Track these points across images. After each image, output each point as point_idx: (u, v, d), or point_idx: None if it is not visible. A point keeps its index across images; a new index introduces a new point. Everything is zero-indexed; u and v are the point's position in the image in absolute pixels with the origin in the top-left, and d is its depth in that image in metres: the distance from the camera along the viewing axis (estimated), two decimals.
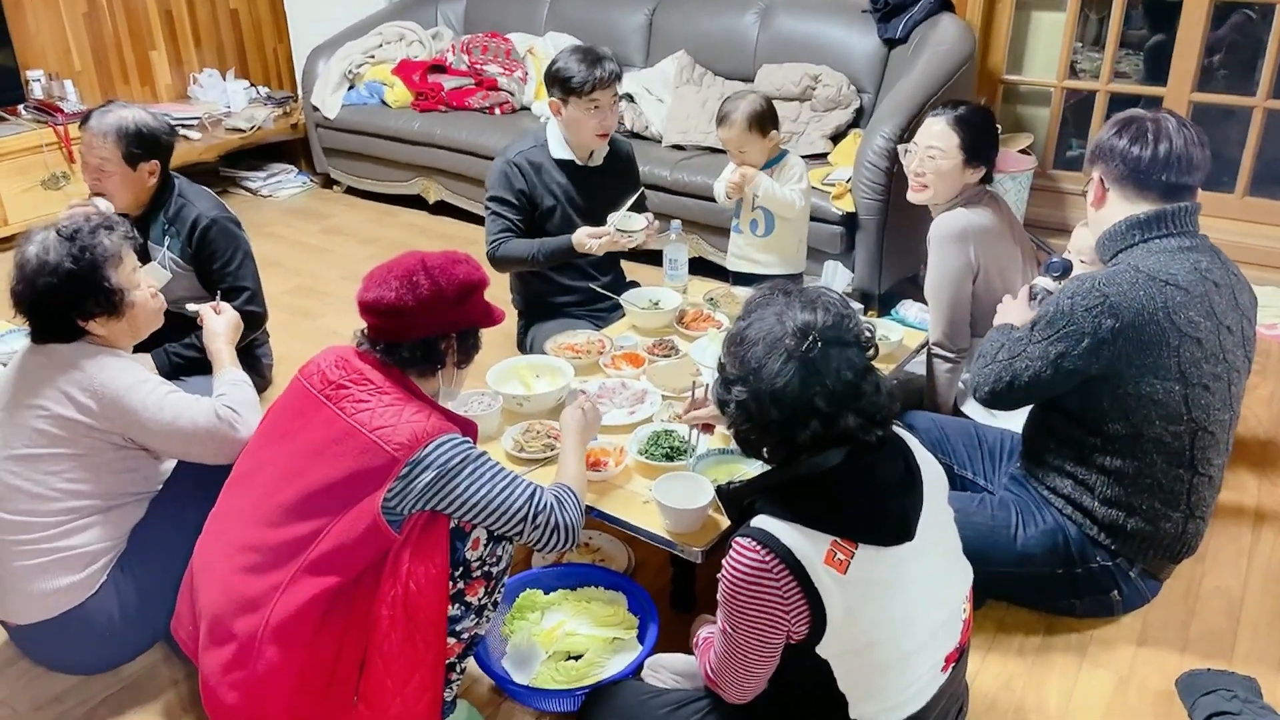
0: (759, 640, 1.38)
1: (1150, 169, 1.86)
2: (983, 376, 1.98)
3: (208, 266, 2.58)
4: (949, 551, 1.49)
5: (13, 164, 4.05)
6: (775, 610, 1.34)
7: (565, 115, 2.62)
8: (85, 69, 4.68)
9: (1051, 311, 1.86)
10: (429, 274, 1.63)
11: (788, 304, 1.37)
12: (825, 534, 1.32)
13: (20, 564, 1.80)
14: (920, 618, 1.40)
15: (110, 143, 2.42)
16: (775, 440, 1.38)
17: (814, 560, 1.31)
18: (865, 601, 1.34)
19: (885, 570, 1.35)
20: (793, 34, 4.06)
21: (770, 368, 1.32)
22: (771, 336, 1.34)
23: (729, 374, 1.40)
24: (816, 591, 1.31)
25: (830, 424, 1.33)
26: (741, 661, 1.42)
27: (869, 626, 1.35)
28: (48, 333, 1.85)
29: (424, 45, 4.82)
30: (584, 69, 2.53)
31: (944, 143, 2.43)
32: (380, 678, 1.58)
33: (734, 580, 1.35)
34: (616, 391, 2.23)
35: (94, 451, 1.82)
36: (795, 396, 1.32)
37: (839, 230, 3.37)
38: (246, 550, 1.59)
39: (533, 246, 2.65)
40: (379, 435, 1.56)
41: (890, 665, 1.40)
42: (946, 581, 1.47)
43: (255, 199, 4.86)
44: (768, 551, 1.32)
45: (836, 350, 1.33)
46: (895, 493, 1.38)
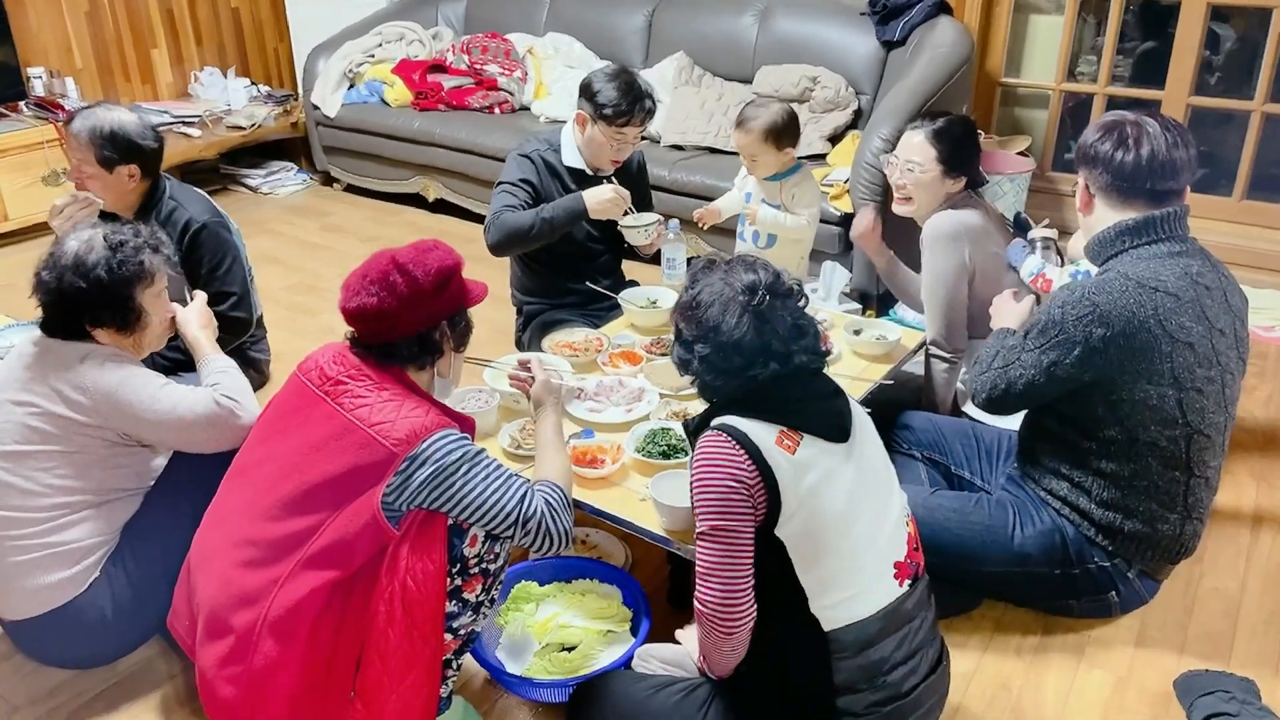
0: (736, 519, 1.47)
1: (1135, 177, 1.85)
2: (980, 383, 2.01)
3: (196, 270, 2.56)
4: (882, 467, 1.62)
5: (13, 160, 4.05)
6: (740, 487, 1.46)
7: (588, 133, 2.60)
8: (86, 66, 4.69)
9: (1044, 320, 1.87)
10: (403, 271, 1.61)
11: (729, 269, 1.56)
12: (774, 424, 1.50)
13: (12, 559, 1.80)
14: (864, 512, 1.53)
15: (85, 145, 2.39)
16: (738, 383, 1.53)
17: (767, 441, 1.48)
18: (813, 484, 1.49)
19: (827, 460, 1.51)
20: (791, 35, 4.06)
21: (728, 322, 1.50)
22: (724, 297, 1.52)
23: (688, 336, 1.56)
24: (770, 468, 1.46)
25: (786, 361, 1.52)
26: (730, 554, 1.48)
27: (816, 508, 1.49)
28: (55, 326, 1.85)
29: (424, 45, 4.82)
30: (623, 102, 2.50)
31: (921, 156, 2.44)
32: (377, 674, 1.58)
33: (703, 467, 1.49)
34: (614, 389, 2.23)
35: (85, 449, 1.82)
36: (753, 344, 1.51)
37: (837, 231, 3.38)
38: (245, 544, 1.59)
39: (534, 213, 2.55)
40: (378, 430, 1.55)
41: (839, 553, 1.50)
42: (883, 491, 1.59)
43: (255, 196, 4.86)
44: (727, 437, 1.49)
45: (779, 300, 1.53)
46: (826, 398, 1.58)
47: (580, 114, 2.60)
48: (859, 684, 1.50)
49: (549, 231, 2.58)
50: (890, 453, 1.73)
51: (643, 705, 1.64)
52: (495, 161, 3.94)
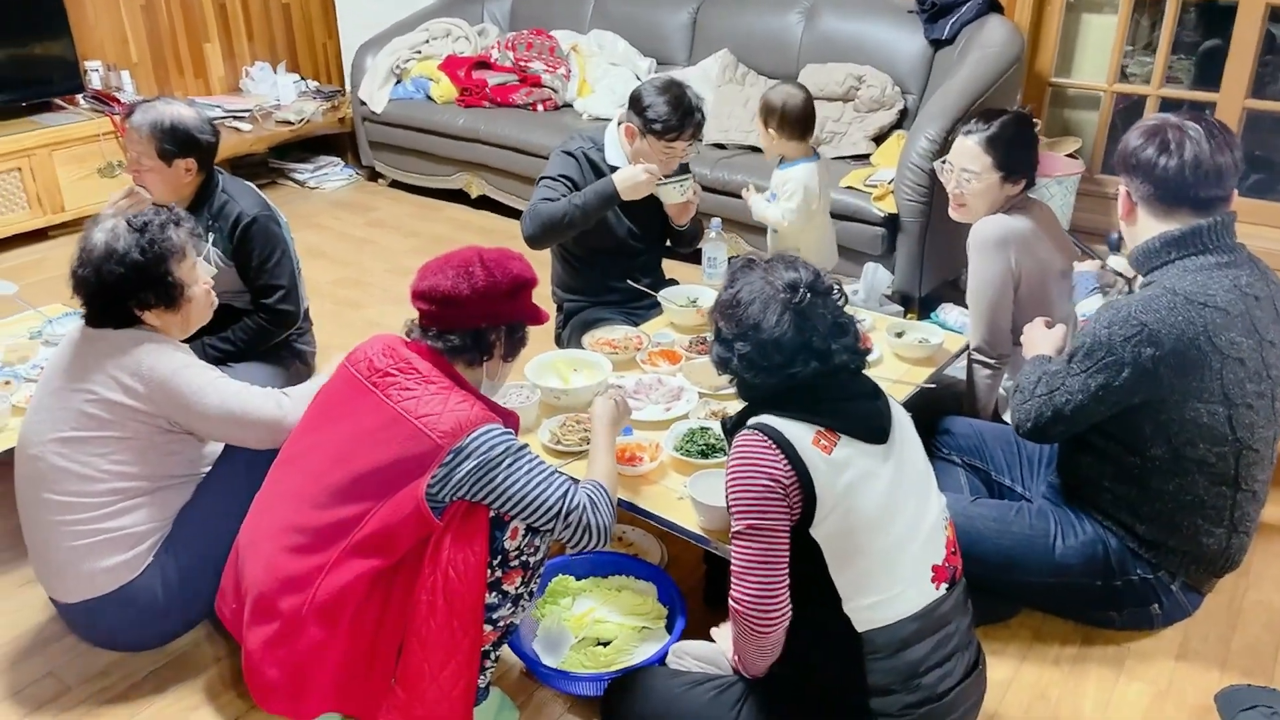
0: (772, 519, 1.46)
1: (1178, 185, 1.80)
2: (1024, 412, 1.95)
3: (247, 263, 2.61)
4: (921, 469, 1.61)
5: (71, 152, 4.16)
6: (776, 485, 1.46)
7: (636, 145, 2.59)
8: (142, 60, 4.80)
9: (1089, 342, 1.83)
10: (485, 266, 1.68)
11: (769, 267, 1.56)
12: (811, 424, 1.50)
13: (69, 544, 1.85)
14: (901, 514, 1.52)
15: (146, 138, 2.44)
16: (777, 380, 1.52)
17: (803, 441, 1.48)
18: (849, 484, 1.48)
19: (864, 461, 1.50)
20: (837, 34, 4.04)
21: (769, 320, 1.50)
22: (764, 295, 1.52)
23: (727, 334, 1.56)
24: (805, 468, 1.46)
25: (826, 359, 1.51)
26: (765, 554, 1.47)
27: (852, 508, 1.48)
28: (102, 318, 1.90)
29: (470, 41, 4.87)
30: (674, 117, 2.49)
31: (977, 164, 2.37)
32: (418, 661, 1.61)
33: (738, 466, 1.49)
34: (653, 387, 2.24)
35: (140, 435, 1.87)
36: (794, 341, 1.50)
37: (880, 232, 3.36)
38: (293, 530, 1.63)
39: (567, 200, 2.56)
40: (424, 423, 1.58)
41: (872, 552, 1.49)
42: (921, 493, 1.57)
43: (303, 190, 4.94)
44: (763, 436, 1.49)
45: (820, 299, 1.53)
46: (866, 399, 1.56)
47: (629, 126, 2.59)
48: (893, 685, 1.50)
49: (582, 218, 2.57)
50: (930, 458, 1.71)
51: (676, 701, 1.66)
52: (538, 158, 3.97)
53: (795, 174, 2.82)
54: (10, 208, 4.06)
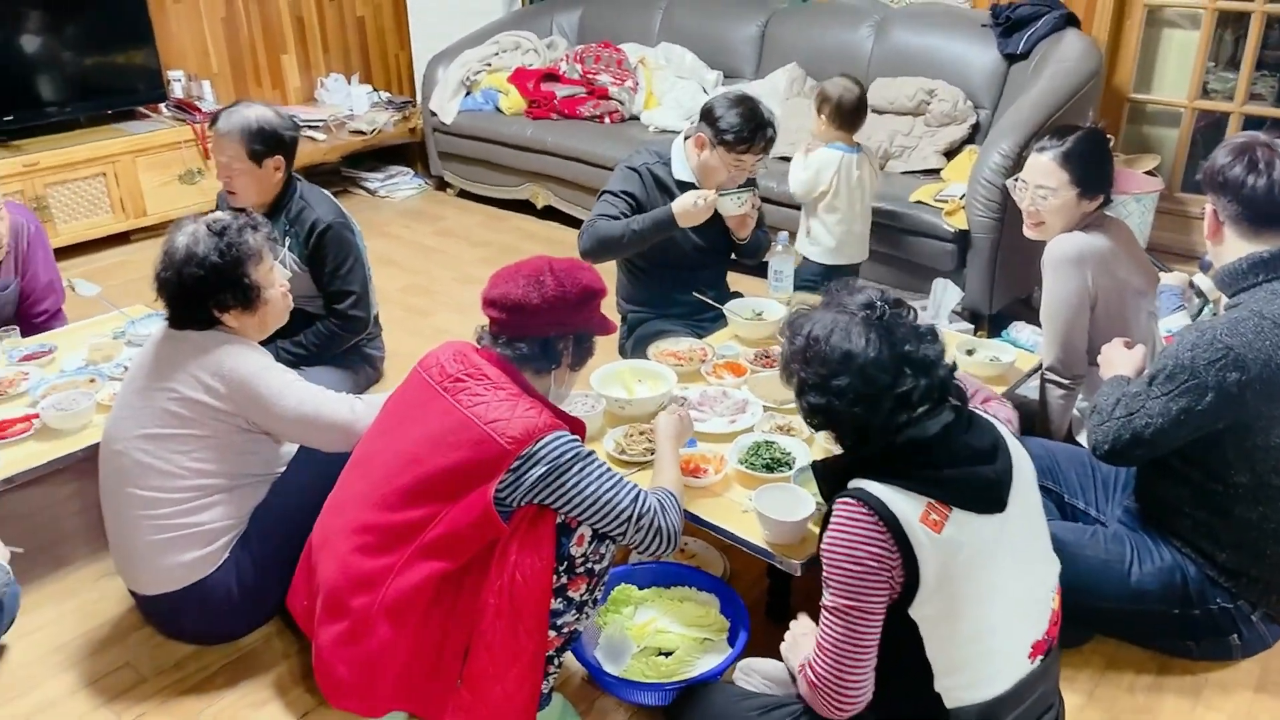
0: (869, 601, 1.38)
1: (1267, 205, 1.75)
2: (1101, 434, 1.89)
3: (321, 268, 2.67)
4: (1037, 536, 1.51)
5: (154, 159, 4.31)
6: (879, 566, 1.37)
7: (704, 156, 2.60)
8: (222, 71, 4.95)
9: (1171, 365, 1.77)
10: (555, 275, 1.70)
11: (831, 300, 1.49)
12: (921, 496, 1.38)
13: (149, 538, 1.91)
14: (1008, 592, 1.43)
15: (235, 141, 2.52)
16: (890, 406, 1.41)
17: (910, 517, 1.37)
18: (957, 564, 1.38)
19: (977, 537, 1.40)
20: (907, 47, 4.00)
21: (858, 343, 1.41)
22: (840, 325, 1.44)
23: (815, 378, 1.45)
24: (911, 548, 1.36)
25: (930, 371, 1.43)
26: (855, 635, 1.40)
27: (957, 591, 1.39)
28: (184, 320, 1.96)
29: (539, 54, 4.93)
30: (746, 129, 2.50)
31: (1053, 180, 2.32)
32: (483, 664, 1.63)
33: (837, 539, 1.40)
34: (718, 400, 2.24)
35: (219, 434, 1.92)
36: (891, 356, 1.41)
37: (950, 248, 3.31)
38: (364, 531, 1.66)
39: (625, 223, 2.59)
40: (493, 428, 1.60)
41: (976, 636, 1.41)
42: (1034, 564, 1.49)
43: (373, 199, 5.05)
44: (867, 509, 1.38)
45: (895, 314, 1.45)
46: (985, 460, 1.44)
47: (700, 136, 2.60)
48: None
49: (638, 242, 2.61)
50: None
51: None
52: (603, 170, 4.00)
53: (822, 153, 3.08)
54: (95, 211, 4.22)
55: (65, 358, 2.52)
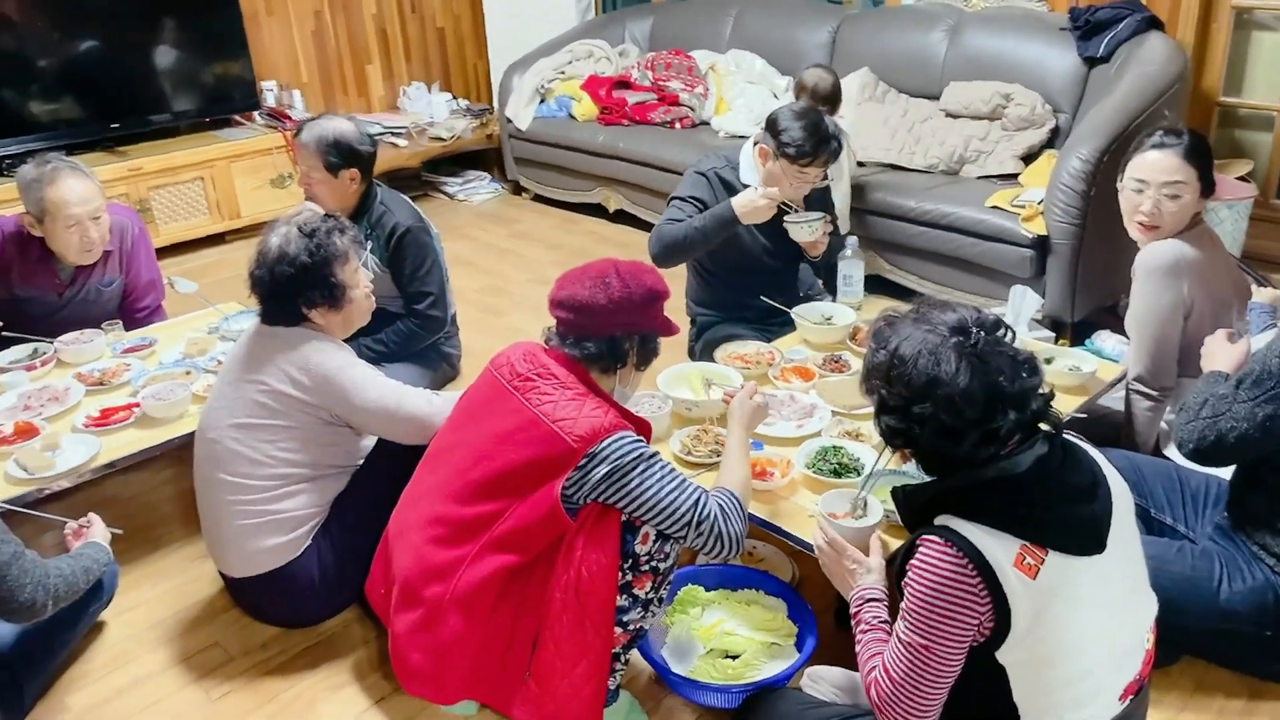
0: (947, 649, 1.33)
1: None
2: (1186, 432, 1.85)
3: (400, 270, 2.77)
4: (1136, 574, 1.45)
5: (247, 164, 4.51)
6: (966, 613, 1.31)
7: (769, 167, 2.60)
8: (311, 80, 5.15)
9: (1258, 370, 1.73)
10: (620, 277, 1.74)
11: (923, 316, 1.39)
12: (1015, 538, 1.31)
13: (238, 523, 2.01)
14: (1104, 637, 1.37)
15: (313, 152, 2.64)
16: (974, 441, 1.34)
17: (1004, 563, 1.29)
18: (1051, 610, 1.31)
19: (1074, 581, 1.32)
20: (983, 51, 3.95)
21: (946, 371, 1.31)
22: (929, 346, 1.34)
23: (897, 401, 1.37)
24: (1004, 595, 1.29)
25: (1023, 406, 1.33)
26: (926, 677, 1.35)
27: (1050, 636, 1.32)
28: (275, 316, 2.06)
29: (610, 62, 5.01)
30: (808, 142, 2.49)
31: (1182, 174, 2.22)
32: (550, 657, 1.68)
33: (927, 585, 1.32)
34: (785, 404, 2.25)
35: (304, 425, 2.01)
36: (983, 388, 1.31)
37: (1028, 254, 3.25)
38: (437, 523, 1.73)
39: (688, 223, 2.61)
40: (560, 426, 1.65)
41: (1068, 682, 1.36)
42: (1132, 605, 1.43)
43: (452, 203, 5.19)
44: (957, 551, 1.31)
45: (992, 339, 1.36)
46: (1084, 499, 1.36)
47: (763, 147, 2.61)
48: None
49: (702, 240, 2.62)
50: None
51: None
52: (673, 174, 4.04)
53: None
54: (193, 213, 4.43)
55: (164, 351, 2.67)
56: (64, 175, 2.56)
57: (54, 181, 2.54)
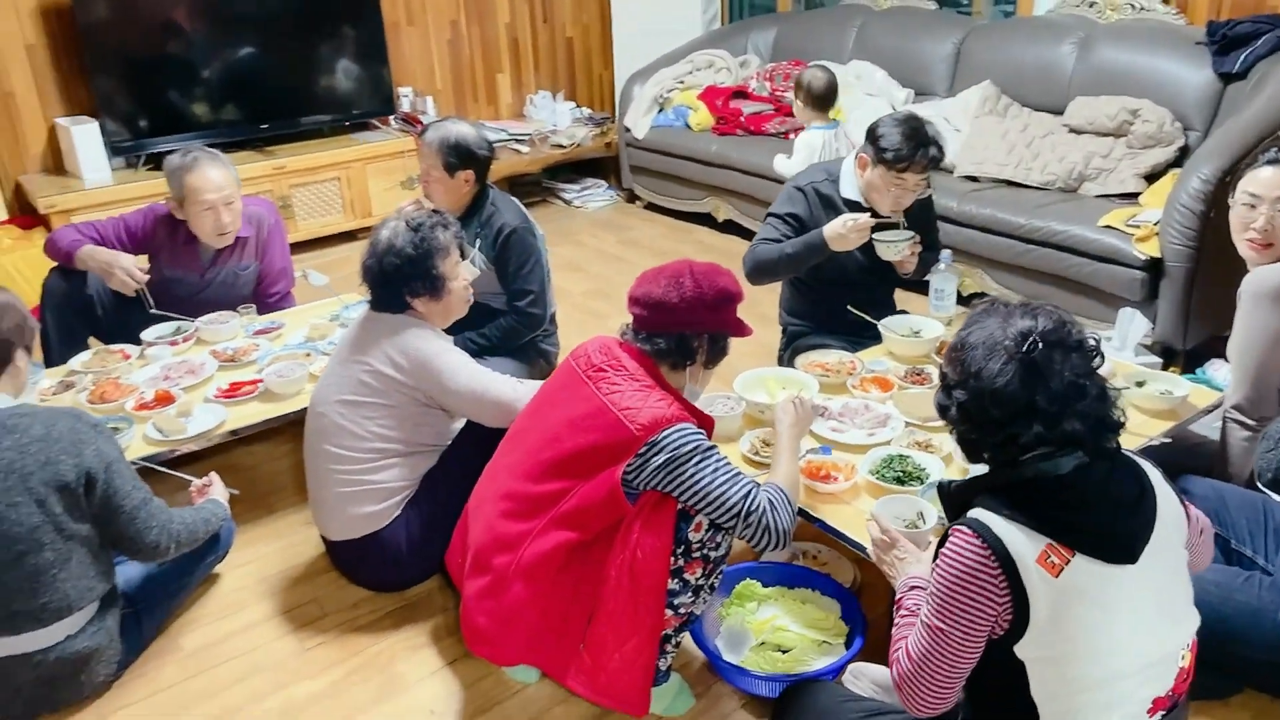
0: (965, 636, 1.36)
1: None
2: (1266, 461, 1.82)
3: (505, 267, 2.93)
4: (1173, 591, 1.43)
5: (381, 166, 4.81)
6: (985, 603, 1.34)
7: (867, 175, 2.60)
8: (444, 88, 5.44)
9: None
10: (694, 277, 1.83)
11: (1009, 312, 1.41)
12: (1043, 535, 1.33)
13: (338, 490, 2.20)
14: (1127, 646, 1.36)
15: (434, 152, 2.81)
16: (997, 441, 1.39)
17: (1026, 558, 1.32)
18: (1071, 610, 1.33)
19: (1098, 586, 1.33)
20: (1113, 65, 3.82)
21: (990, 369, 1.36)
22: (991, 340, 1.38)
23: (950, 380, 1.44)
24: (1024, 588, 1.32)
25: (1053, 425, 1.34)
26: (943, 660, 1.39)
27: (1071, 637, 1.34)
28: (382, 303, 2.23)
29: (730, 72, 5.08)
30: (906, 146, 2.49)
31: None
32: (604, 632, 1.77)
33: (949, 572, 1.37)
34: (859, 412, 2.27)
35: (401, 405, 2.18)
36: (1015, 396, 1.34)
37: (1139, 276, 3.14)
38: (509, 498, 1.85)
39: (782, 247, 2.66)
40: (625, 415, 1.75)
41: (1087, 685, 1.36)
42: (1165, 619, 1.41)
43: (568, 209, 5.38)
44: (982, 542, 1.34)
45: (1059, 353, 1.35)
46: (1123, 512, 1.37)
47: (862, 156, 2.61)
48: None
49: (793, 265, 2.67)
50: None
51: None
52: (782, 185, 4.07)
53: (806, 136, 3.87)
54: (329, 211, 4.76)
55: (290, 334, 2.92)
56: (203, 163, 2.83)
57: (193, 169, 2.82)
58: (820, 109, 3.82)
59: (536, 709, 1.96)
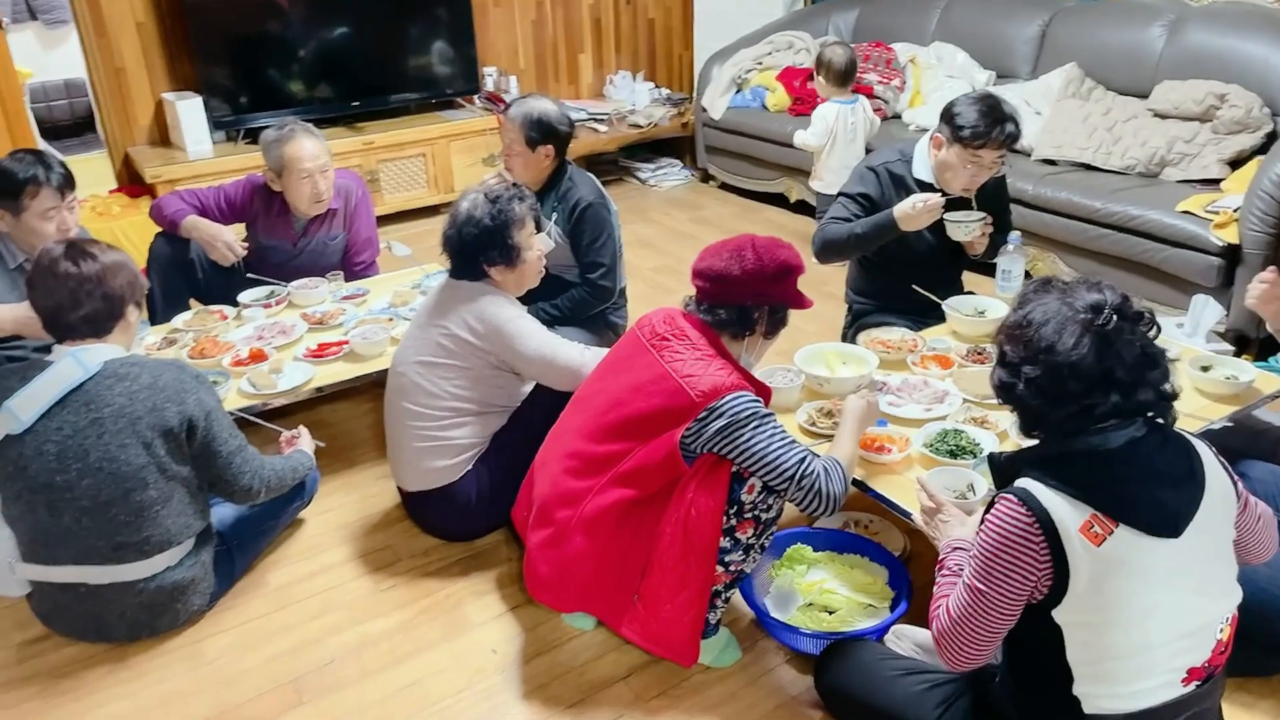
0: (1004, 598, 1.41)
1: None
2: None
3: (579, 240, 3.03)
4: (1215, 566, 1.46)
5: (464, 143, 4.97)
6: (1026, 569, 1.39)
7: (942, 154, 2.60)
8: (527, 67, 5.57)
9: None
10: (755, 250, 1.90)
11: (1068, 289, 1.44)
12: (1088, 505, 1.37)
13: (414, 444, 2.34)
14: (1168, 617, 1.40)
15: (517, 127, 2.92)
16: (1071, 412, 1.40)
17: (1069, 526, 1.36)
18: (1111, 578, 1.36)
19: (1140, 556, 1.37)
20: (1203, 48, 3.72)
21: (1065, 342, 1.38)
22: (1061, 316, 1.40)
23: (1013, 358, 1.45)
24: (1065, 556, 1.36)
25: (1130, 394, 1.38)
26: (981, 619, 1.44)
27: (1109, 604, 1.38)
28: (460, 271, 2.36)
29: (810, 53, 5.07)
30: (982, 122, 2.48)
31: None
32: (657, 584, 1.87)
33: (992, 537, 1.41)
34: (917, 388, 2.31)
35: (475, 367, 2.30)
36: (1093, 368, 1.37)
37: (1216, 262, 3.09)
38: (573, 457, 1.96)
39: (851, 227, 2.68)
40: (686, 381, 1.83)
41: (1122, 653, 1.40)
42: (1205, 593, 1.43)
43: (643, 188, 5.46)
44: (1027, 510, 1.38)
45: (1128, 324, 1.39)
46: (1169, 485, 1.39)
47: (937, 136, 2.62)
48: None
49: (863, 244, 2.69)
50: None
51: (886, 682, 1.73)
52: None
53: (823, 109, 4.09)
54: (414, 186, 4.95)
55: (374, 300, 3.08)
56: (299, 135, 3.01)
57: (290, 140, 2.99)
58: (840, 84, 4.07)
59: (591, 654, 2.07)
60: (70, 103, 5.66)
